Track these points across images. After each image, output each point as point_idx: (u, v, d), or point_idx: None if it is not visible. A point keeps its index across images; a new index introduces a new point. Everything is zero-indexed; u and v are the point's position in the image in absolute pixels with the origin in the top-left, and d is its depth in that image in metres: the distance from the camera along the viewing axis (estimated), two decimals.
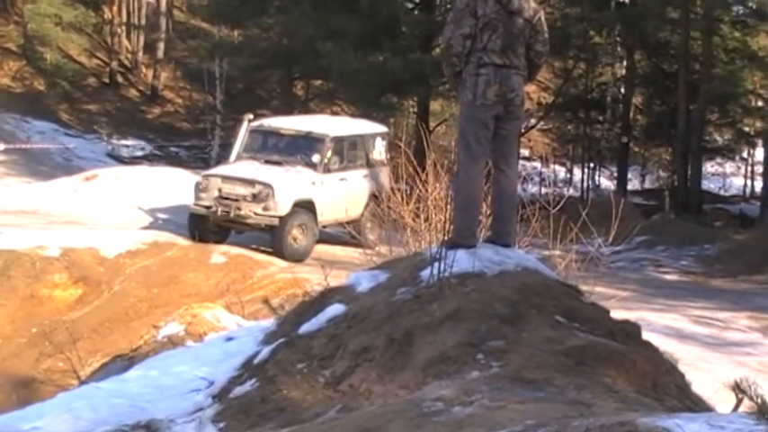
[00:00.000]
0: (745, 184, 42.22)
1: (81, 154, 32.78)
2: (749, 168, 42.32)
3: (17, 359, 14.56)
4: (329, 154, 18.87)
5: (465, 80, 6.83)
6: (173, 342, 11.97)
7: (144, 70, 40.23)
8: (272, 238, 17.94)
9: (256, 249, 18.07)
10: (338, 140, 19.20)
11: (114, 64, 39.46)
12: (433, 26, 29.33)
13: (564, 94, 36.23)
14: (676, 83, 32.11)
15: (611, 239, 9.71)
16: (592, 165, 37.71)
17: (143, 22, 40.28)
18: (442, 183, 10.38)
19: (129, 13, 40.30)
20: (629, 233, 11.20)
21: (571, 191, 30.50)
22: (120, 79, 39.57)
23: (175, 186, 22.02)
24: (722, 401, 5.62)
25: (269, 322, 9.45)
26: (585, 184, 36.06)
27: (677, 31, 30.90)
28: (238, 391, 6.61)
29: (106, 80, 39.20)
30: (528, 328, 5.96)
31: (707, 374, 6.68)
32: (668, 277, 19.35)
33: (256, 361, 7.04)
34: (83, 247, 16.61)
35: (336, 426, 5.16)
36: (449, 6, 31.32)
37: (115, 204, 20.50)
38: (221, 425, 6.15)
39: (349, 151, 19.46)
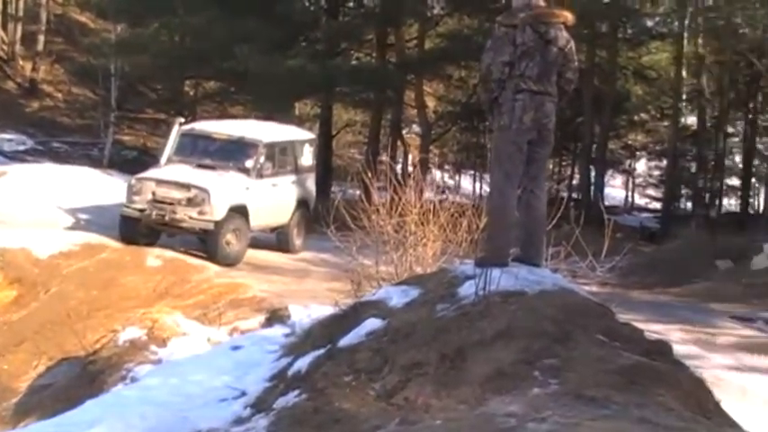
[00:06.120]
0: (627, 196, 43.64)
1: None
2: (631, 181, 43.80)
3: None
4: (262, 159, 18.86)
5: (501, 105, 7.10)
6: (136, 346, 11.98)
7: (21, 62, 39.05)
8: (206, 243, 17.85)
9: (186, 252, 17.99)
10: (270, 146, 19.20)
11: None
12: (342, 33, 29.57)
13: (460, 104, 36.81)
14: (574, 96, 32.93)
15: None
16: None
17: (21, 13, 39.28)
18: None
19: (5, 3, 39.14)
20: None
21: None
22: None
23: (88, 185, 21.76)
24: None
25: (269, 331, 9.59)
26: (477, 193, 36.62)
27: (583, 49, 31.72)
28: (282, 402, 6.71)
29: None
30: (577, 346, 6.15)
31: None
32: (589, 289, 19.64)
33: (291, 372, 7.18)
34: (16, 248, 16.35)
35: None
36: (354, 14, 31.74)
37: (30, 202, 20.07)
38: None
39: (280, 157, 19.47)
